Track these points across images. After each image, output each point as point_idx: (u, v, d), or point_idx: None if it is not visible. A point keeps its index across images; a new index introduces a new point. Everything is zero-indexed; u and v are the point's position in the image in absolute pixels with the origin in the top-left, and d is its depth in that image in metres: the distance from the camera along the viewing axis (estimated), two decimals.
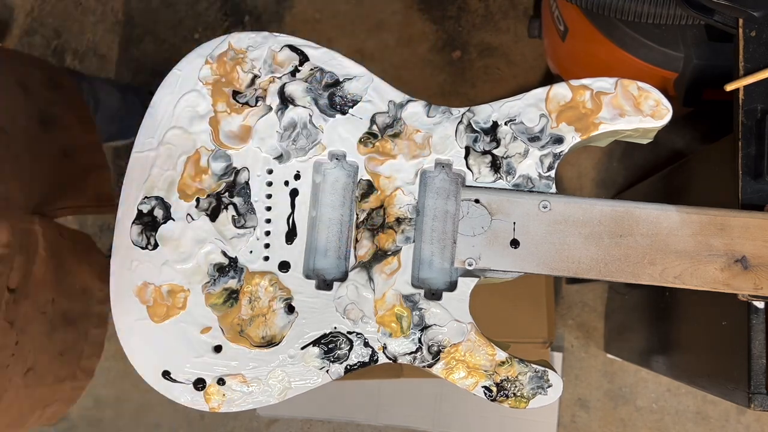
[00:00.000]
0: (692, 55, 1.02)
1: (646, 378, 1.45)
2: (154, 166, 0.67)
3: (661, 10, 0.94)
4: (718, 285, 0.60)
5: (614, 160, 1.52)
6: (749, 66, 0.68)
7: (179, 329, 0.64)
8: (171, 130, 0.67)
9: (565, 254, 0.62)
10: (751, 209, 0.64)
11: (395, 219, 0.64)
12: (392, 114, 0.66)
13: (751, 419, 1.42)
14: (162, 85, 0.68)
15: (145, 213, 0.66)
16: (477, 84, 1.57)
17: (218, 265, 0.65)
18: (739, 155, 0.67)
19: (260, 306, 0.65)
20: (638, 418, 1.45)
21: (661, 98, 0.63)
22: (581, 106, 0.64)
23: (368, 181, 0.65)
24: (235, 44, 0.68)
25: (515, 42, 1.57)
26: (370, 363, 0.63)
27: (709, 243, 0.61)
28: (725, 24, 0.73)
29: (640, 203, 0.62)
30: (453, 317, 0.63)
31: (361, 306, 0.64)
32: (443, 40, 1.59)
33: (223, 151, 0.66)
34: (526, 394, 0.62)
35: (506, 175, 0.64)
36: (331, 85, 0.67)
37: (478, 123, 0.65)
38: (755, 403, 0.68)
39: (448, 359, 0.63)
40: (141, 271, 0.66)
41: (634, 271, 0.61)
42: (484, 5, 1.59)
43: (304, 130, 0.66)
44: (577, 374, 1.47)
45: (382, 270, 0.64)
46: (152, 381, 0.65)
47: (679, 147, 1.47)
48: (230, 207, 0.66)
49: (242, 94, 0.67)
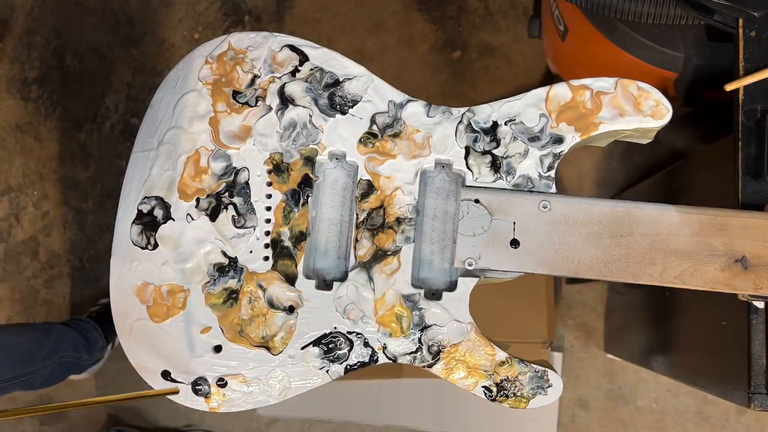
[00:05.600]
0: (692, 55, 1.02)
1: (646, 378, 1.45)
2: (154, 166, 0.67)
3: (661, 10, 0.94)
4: (718, 285, 0.60)
5: (614, 160, 1.52)
6: (749, 66, 0.68)
7: (179, 329, 0.64)
8: (171, 130, 0.67)
9: (565, 254, 0.62)
10: (751, 209, 0.64)
11: (395, 219, 0.64)
12: (392, 114, 0.66)
13: (751, 419, 1.42)
14: (162, 85, 0.68)
15: (145, 213, 0.66)
16: (477, 84, 1.57)
17: (218, 265, 0.65)
18: (739, 155, 0.67)
19: (260, 306, 0.65)
20: (638, 418, 1.45)
21: (661, 98, 0.63)
22: (581, 106, 0.64)
23: (368, 181, 0.65)
24: (235, 44, 0.68)
25: (515, 42, 1.57)
26: (370, 363, 0.63)
27: (709, 243, 0.60)
28: (725, 24, 0.73)
29: (640, 203, 0.62)
30: (453, 317, 0.63)
31: (361, 306, 0.64)
32: (443, 40, 1.59)
33: (223, 151, 0.66)
34: (526, 394, 0.62)
35: (506, 175, 0.64)
36: (331, 85, 0.67)
37: (478, 123, 0.65)
38: (755, 403, 0.68)
39: (448, 359, 0.63)
40: (141, 271, 0.66)
41: (634, 271, 0.61)
42: (484, 5, 1.59)
43: (304, 130, 0.66)
44: (577, 374, 1.47)
45: (382, 270, 0.64)
46: (152, 381, 0.65)
47: (679, 147, 1.46)
48: (230, 207, 0.66)
49: (242, 94, 0.67)
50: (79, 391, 1.53)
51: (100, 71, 1.65)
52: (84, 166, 1.62)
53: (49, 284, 1.59)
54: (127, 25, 1.66)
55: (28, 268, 1.60)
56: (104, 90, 1.64)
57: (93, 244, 1.59)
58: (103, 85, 1.64)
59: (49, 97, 1.65)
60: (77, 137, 1.63)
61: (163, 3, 1.67)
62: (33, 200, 1.62)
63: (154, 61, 1.64)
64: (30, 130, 1.64)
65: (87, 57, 1.66)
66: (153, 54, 1.65)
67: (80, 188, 1.62)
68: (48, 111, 1.64)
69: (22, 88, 1.66)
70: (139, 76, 1.64)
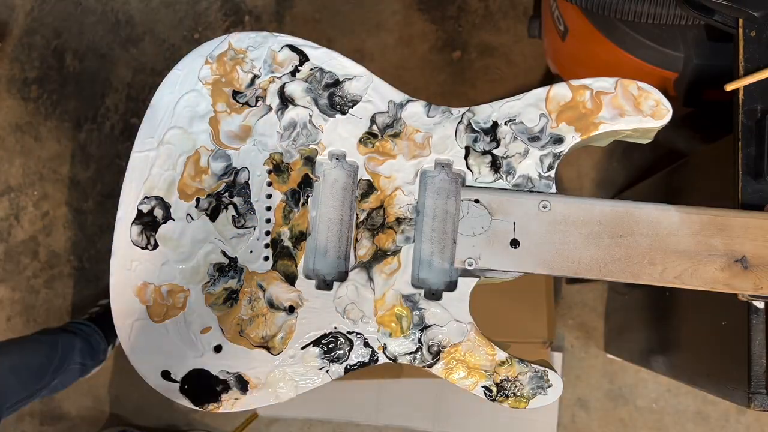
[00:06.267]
0: (692, 55, 1.02)
1: (646, 378, 1.45)
2: (154, 166, 0.67)
3: (661, 10, 0.94)
4: (718, 285, 0.60)
5: (614, 160, 1.52)
6: (749, 66, 0.68)
7: (179, 329, 0.64)
8: (171, 130, 0.67)
9: (565, 254, 0.62)
10: (751, 209, 0.64)
11: (395, 219, 0.64)
12: (392, 114, 0.66)
13: (751, 419, 1.42)
14: (162, 85, 0.68)
15: (145, 213, 0.66)
16: (477, 84, 1.57)
17: (218, 265, 0.65)
18: (739, 155, 0.67)
19: (260, 306, 0.65)
20: (638, 418, 1.45)
21: (661, 98, 0.63)
22: (581, 106, 0.64)
23: (368, 181, 0.65)
24: (235, 44, 0.68)
25: (515, 42, 1.57)
26: (370, 363, 0.63)
27: (709, 243, 0.60)
28: (725, 24, 0.73)
29: (640, 203, 0.62)
30: (453, 317, 0.63)
31: (361, 306, 0.64)
32: (443, 40, 1.59)
33: (223, 151, 0.66)
34: (526, 394, 0.62)
35: (506, 175, 0.64)
36: (331, 85, 0.67)
37: (478, 123, 0.65)
38: (755, 403, 0.68)
39: (448, 359, 0.63)
40: (141, 271, 0.66)
41: (634, 271, 0.61)
42: (484, 5, 1.59)
43: (304, 130, 0.66)
44: (577, 374, 1.47)
45: (382, 270, 0.64)
46: (152, 381, 0.65)
47: (679, 147, 1.46)
48: (230, 207, 0.66)
49: (242, 94, 0.67)
50: (78, 391, 1.53)
51: (100, 71, 1.65)
52: (84, 166, 1.62)
53: (49, 284, 1.59)
54: (127, 25, 1.66)
55: (28, 268, 1.60)
56: (104, 90, 1.64)
57: (93, 244, 1.59)
58: (103, 85, 1.64)
59: (49, 97, 1.65)
60: (77, 137, 1.63)
61: (163, 3, 1.67)
62: (33, 200, 1.62)
63: (154, 61, 1.64)
64: (30, 130, 1.64)
65: (87, 57, 1.66)
66: (153, 54, 1.65)
67: (80, 188, 1.62)
68: (48, 111, 1.64)
69: (22, 88, 1.66)
70: (139, 76, 1.64)
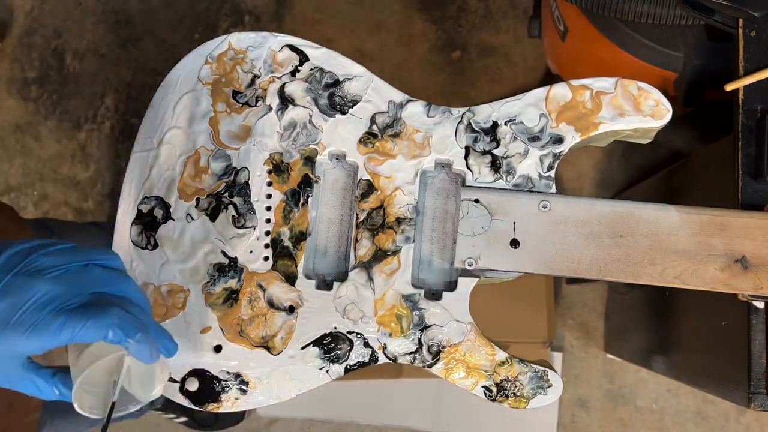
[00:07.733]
0: (692, 55, 1.02)
1: (646, 378, 1.45)
2: (154, 166, 0.67)
3: (661, 10, 0.94)
4: (718, 285, 0.60)
5: (614, 160, 1.52)
6: (749, 66, 0.68)
7: (179, 329, 0.64)
8: (171, 130, 0.67)
9: (565, 254, 0.62)
10: (751, 209, 0.64)
11: (395, 219, 0.64)
12: (392, 114, 0.66)
13: (751, 419, 1.42)
14: (162, 85, 0.68)
15: (145, 213, 0.66)
16: (477, 84, 1.57)
17: (218, 265, 0.65)
18: (739, 155, 0.67)
19: (260, 306, 0.65)
20: (638, 418, 1.45)
21: (661, 98, 0.63)
22: (581, 106, 0.64)
23: (368, 181, 0.65)
24: (235, 44, 0.68)
25: (515, 42, 1.57)
26: (370, 363, 0.63)
27: (709, 243, 0.60)
28: (725, 24, 0.73)
29: (640, 203, 0.62)
30: (453, 317, 0.63)
31: (361, 306, 0.64)
32: (443, 40, 1.59)
33: (223, 151, 0.66)
34: (526, 394, 0.62)
35: (506, 175, 0.64)
36: (331, 85, 0.67)
37: (478, 123, 0.65)
38: (755, 403, 0.68)
39: (448, 359, 0.63)
40: (141, 271, 0.66)
41: (634, 271, 0.61)
42: (484, 5, 1.59)
43: (304, 130, 0.66)
44: (577, 374, 1.47)
45: (382, 270, 0.64)
46: None
47: (679, 147, 1.46)
48: (230, 207, 0.66)
49: (242, 94, 0.67)
50: None
51: (100, 71, 1.65)
52: (84, 166, 1.62)
53: None
54: (127, 25, 1.66)
55: None
56: (104, 90, 1.64)
57: None
58: (103, 85, 1.64)
59: (49, 97, 1.65)
60: (77, 137, 1.63)
61: (163, 3, 1.67)
62: (33, 200, 1.62)
63: (154, 61, 1.64)
64: (30, 130, 1.64)
65: (87, 57, 1.66)
66: (153, 54, 1.65)
67: (80, 188, 1.62)
68: (48, 111, 1.64)
69: (22, 88, 1.66)
70: (139, 76, 1.64)
